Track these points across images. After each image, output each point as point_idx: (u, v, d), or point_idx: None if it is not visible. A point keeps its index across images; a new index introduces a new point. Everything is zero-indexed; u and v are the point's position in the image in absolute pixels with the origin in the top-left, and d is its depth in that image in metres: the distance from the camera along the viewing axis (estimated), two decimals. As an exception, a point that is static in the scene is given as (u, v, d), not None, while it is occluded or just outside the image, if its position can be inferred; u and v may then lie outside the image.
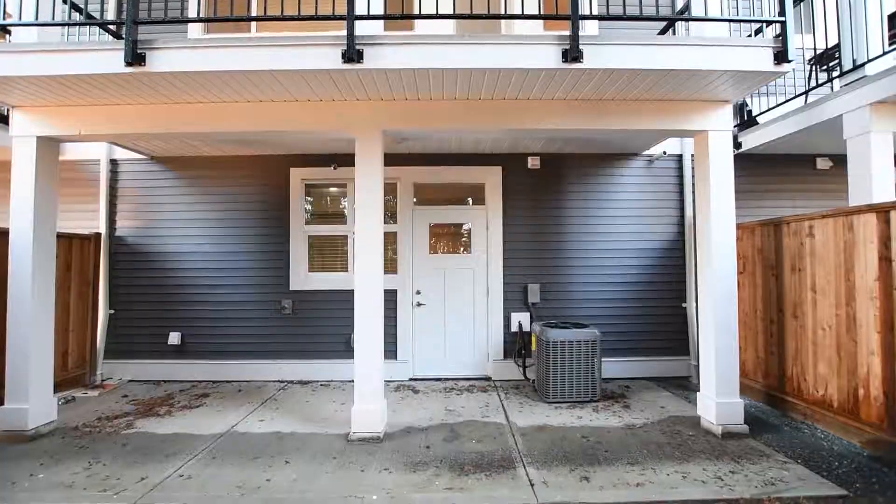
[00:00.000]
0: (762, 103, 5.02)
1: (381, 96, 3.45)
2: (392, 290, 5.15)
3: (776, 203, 5.18)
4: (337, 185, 5.46)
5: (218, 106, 3.54)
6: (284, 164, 5.26)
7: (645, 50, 2.93)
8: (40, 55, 2.93)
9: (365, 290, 3.55)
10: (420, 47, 2.91)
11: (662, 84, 3.20)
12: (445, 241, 5.42)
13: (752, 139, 4.74)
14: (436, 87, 3.28)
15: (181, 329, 5.15)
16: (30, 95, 3.31)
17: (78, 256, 4.82)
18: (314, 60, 2.91)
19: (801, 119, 4.02)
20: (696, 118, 3.54)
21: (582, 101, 3.53)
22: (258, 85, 3.19)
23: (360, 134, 3.57)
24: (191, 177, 5.26)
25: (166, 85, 3.15)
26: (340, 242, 5.34)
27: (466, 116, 3.56)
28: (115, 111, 3.54)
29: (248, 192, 5.26)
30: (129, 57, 2.84)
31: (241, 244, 5.21)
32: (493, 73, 3.04)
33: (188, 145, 4.84)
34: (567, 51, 2.87)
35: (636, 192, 5.25)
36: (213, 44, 2.94)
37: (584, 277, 5.18)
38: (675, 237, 5.20)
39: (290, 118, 3.56)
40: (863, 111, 3.37)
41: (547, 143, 4.88)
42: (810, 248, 3.64)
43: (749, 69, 2.95)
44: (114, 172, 5.26)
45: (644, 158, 5.27)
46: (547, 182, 5.27)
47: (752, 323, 4.37)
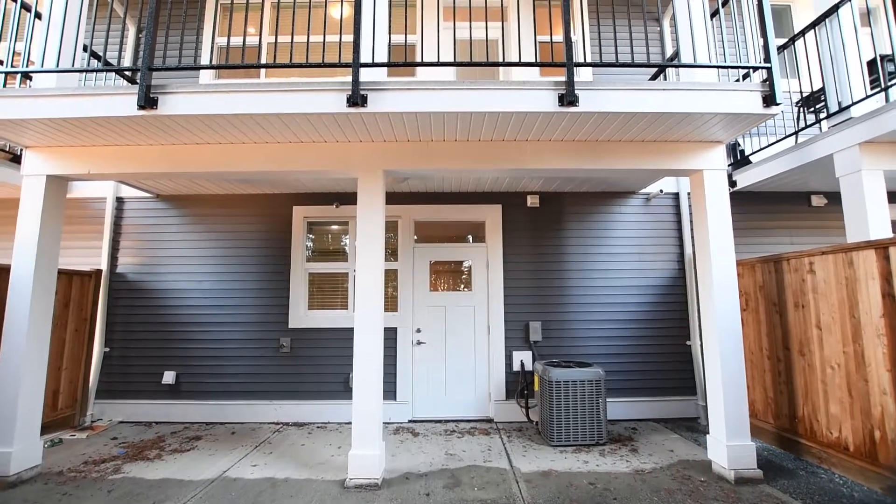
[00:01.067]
0: (754, 143, 5.18)
1: (384, 137, 3.56)
2: (392, 328, 5.09)
3: (774, 239, 5.23)
4: (338, 223, 5.52)
5: (225, 147, 3.64)
6: (287, 202, 5.35)
7: (638, 94, 3.05)
8: (57, 99, 3.05)
9: (365, 328, 3.51)
10: (422, 92, 3.03)
11: (656, 126, 3.31)
12: (446, 278, 5.42)
13: (746, 178, 4.84)
14: (437, 129, 3.39)
15: (176, 368, 5.05)
16: (44, 136, 3.42)
17: (77, 293, 4.80)
18: (320, 104, 3.03)
19: (793, 158, 4.12)
20: (691, 158, 3.63)
21: (579, 143, 3.63)
22: (265, 127, 3.30)
23: (363, 174, 3.65)
24: (194, 215, 5.33)
25: (176, 127, 3.26)
26: (341, 280, 5.33)
27: (466, 157, 3.65)
28: (125, 151, 3.64)
29: (251, 230, 5.31)
30: (141, 101, 2.96)
31: (241, 281, 5.20)
32: (493, 116, 3.15)
33: (194, 184, 4.93)
34: (563, 95, 2.99)
35: (635, 230, 5.30)
36: (222, 89, 3.06)
37: (585, 315, 5.13)
38: (676, 274, 5.20)
39: (295, 159, 3.65)
40: (852, 150, 3.46)
41: (546, 181, 4.97)
42: (812, 285, 3.63)
43: (739, 111, 3.06)
44: (119, 210, 5.34)
45: (641, 197, 5.36)
46: (546, 220, 5.33)
47: (758, 361, 4.28)
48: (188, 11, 5.63)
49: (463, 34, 5.28)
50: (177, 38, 5.54)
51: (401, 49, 5.26)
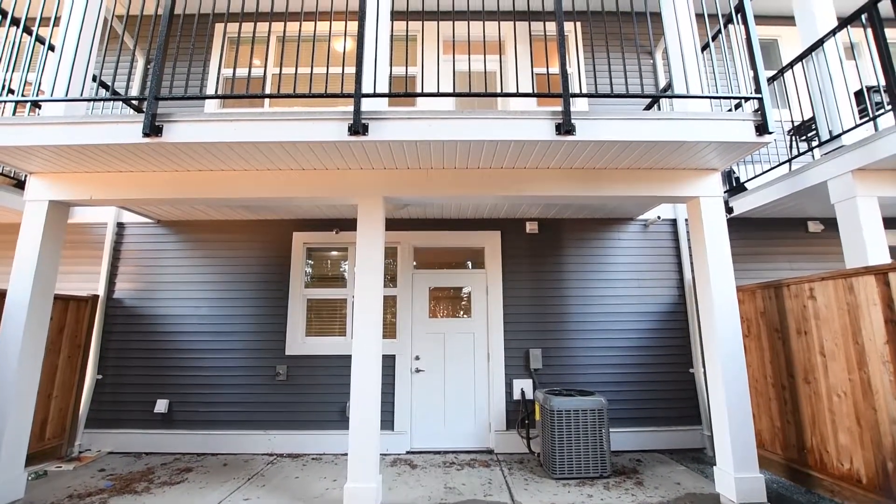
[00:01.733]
0: (749, 170, 5.27)
1: (384, 165, 3.61)
2: (390, 355, 5.02)
3: (774, 265, 5.23)
4: (338, 249, 5.53)
5: (227, 174, 3.69)
6: (287, 228, 5.37)
7: (634, 123, 3.12)
8: (64, 127, 3.11)
9: (363, 356, 3.45)
10: (422, 121, 3.10)
11: (652, 154, 3.37)
12: (445, 304, 5.38)
13: (742, 204, 4.89)
14: (436, 156, 3.44)
15: (169, 396, 4.93)
16: (49, 163, 3.47)
17: (73, 318, 4.75)
18: (322, 133, 3.09)
19: (787, 185, 4.18)
20: (687, 185, 3.68)
21: (576, 170, 3.69)
22: (267, 155, 3.35)
23: (363, 200, 3.68)
24: (194, 240, 5.34)
25: (180, 154, 3.31)
26: (339, 306, 5.29)
27: (466, 184, 3.69)
28: (128, 177, 3.68)
29: (250, 256, 5.31)
30: (147, 129, 3.02)
31: (239, 307, 5.16)
32: (492, 145, 3.21)
33: (195, 210, 4.97)
34: (560, 124, 3.06)
35: (634, 256, 5.31)
36: (227, 117, 3.13)
37: (586, 342, 5.08)
38: (676, 300, 5.18)
39: (296, 185, 3.69)
40: (845, 178, 3.51)
41: (544, 208, 5.02)
42: (814, 311, 3.61)
43: (733, 140, 3.13)
44: (119, 235, 5.35)
45: (639, 223, 5.40)
46: (545, 246, 5.35)
47: (763, 389, 4.21)
48: (196, 44, 5.81)
49: (462, 66, 5.44)
50: (184, 69, 5.70)
51: (402, 80, 5.42)
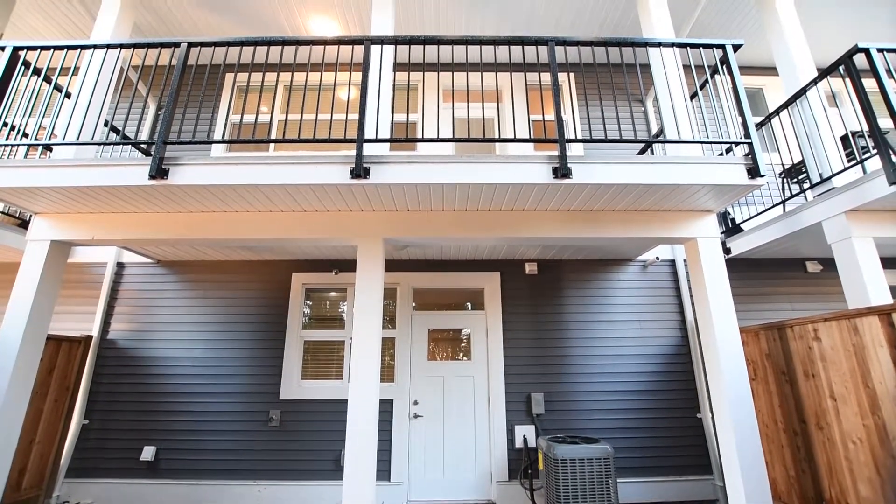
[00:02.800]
0: (743, 212, 5.35)
1: (385, 207, 3.67)
2: (388, 399, 4.87)
3: (775, 306, 5.20)
4: (337, 290, 5.50)
5: (230, 215, 3.74)
6: (287, 268, 5.37)
7: (629, 168, 3.20)
8: (73, 169, 3.18)
9: (359, 401, 3.35)
10: (422, 165, 3.18)
11: (648, 196, 3.43)
12: (444, 346, 5.29)
13: (739, 245, 4.92)
14: (436, 199, 3.50)
15: (157, 443, 4.73)
16: (55, 203, 3.52)
17: (63, 360, 4.64)
18: (325, 176, 3.16)
19: (783, 226, 4.23)
20: (684, 227, 3.72)
21: (574, 212, 3.74)
22: (270, 197, 3.41)
23: (363, 242, 3.71)
24: (193, 280, 5.33)
25: (184, 196, 3.37)
26: (337, 348, 5.20)
27: (465, 226, 3.73)
28: (130, 218, 3.72)
29: (248, 296, 5.27)
30: (153, 171, 3.09)
31: (234, 349, 5.06)
32: (490, 188, 3.28)
33: (196, 250, 4.99)
34: (557, 168, 3.14)
35: (634, 297, 5.28)
36: (232, 161, 3.21)
37: (589, 386, 4.94)
38: (679, 342, 5.10)
39: (298, 227, 3.73)
40: (839, 219, 3.56)
41: (543, 250, 5.05)
42: (819, 353, 3.54)
43: (726, 183, 3.20)
44: (118, 275, 5.34)
45: (638, 264, 5.42)
46: (545, 288, 5.33)
47: (774, 435, 4.05)
48: (206, 92, 6.08)
49: (461, 113, 5.66)
50: (193, 114, 5.92)
51: (403, 126, 5.62)
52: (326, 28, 5.81)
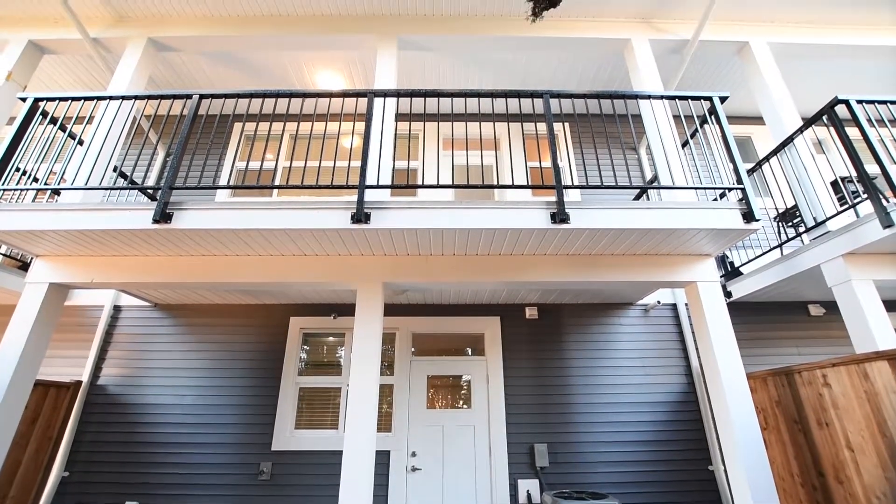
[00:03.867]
0: (742, 255, 5.38)
1: (385, 251, 3.69)
2: (385, 451, 4.66)
3: (781, 350, 5.09)
4: (335, 335, 5.42)
5: (231, 259, 3.75)
6: (285, 313, 5.32)
7: (626, 213, 3.25)
8: (78, 213, 3.23)
9: (355, 452, 3.20)
10: (422, 211, 3.24)
11: (646, 241, 3.46)
12: (444, 393, 5.13)
13: (739, 289, 4.91)
14: (436, 244, 3.54)
15: (140, 497, 4.47)
16: (57, 246, 3.54)
17: (49, 407, 4.48)
18: (326, 221, 3.20)
19: (782, 270, 4.23)
20: (683, 270, 3.72)
21: (572, 256, 3.76)
22: (271, 241, 3.44)
23: (362, 286, 3.69)
24: (190, 324, 5.26)
25: (185, 240, 3.40)
26: (333, 395, 5.04)
27: (464, 271, 3.74)
28: (132, 261, 3.73)
29: (245, 341, 5.18)
30: (157, 216, 3.14)
31: (226, 396, 4.90)
32: (489, 233, 3.32)
33: (194, 294, 4.96)
34: (555, 213, 3.19)
35: (637, 342, 5.19)
36: (235, 206, 3.27)
37: (595, 436, 4.75)
38: (686, 389, 4.95)
39: (298, 271, 3.73)
40: (837, 262, 3.57)
41: (543, 294, 5.03)
42: (831, 400, 3.43)
43: (723, 227, 3.24)
44: (114, 318, 5.28)
45: (639, 308, 5.37)
46: (546, 332, 5.25)
47: (791, 489, 3.83)
48: (214, 140, 6.29)
49: (460, 161, 5.83)
50: (200, 160, 6.10)
51: (404, 173, 5.78)
52: (332, 81, 6.11)
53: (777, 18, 5.19)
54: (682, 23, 5.16)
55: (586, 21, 5.18)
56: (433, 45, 5.25)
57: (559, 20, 5.05)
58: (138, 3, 4.94)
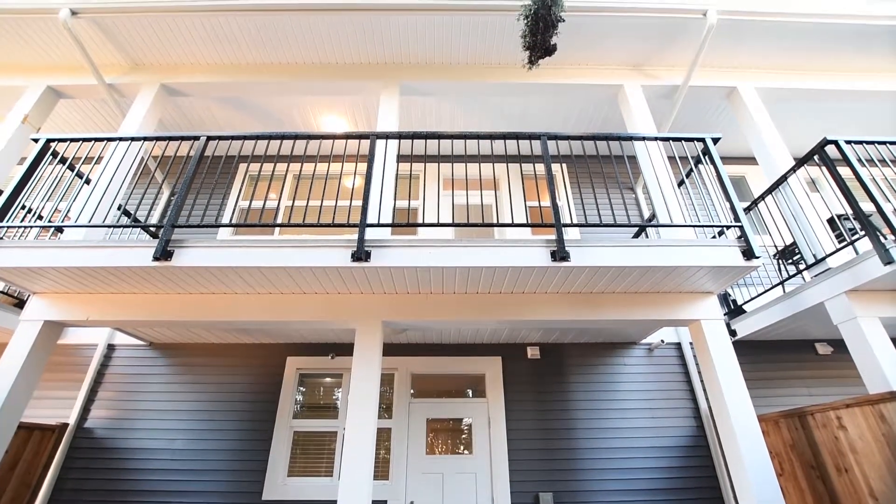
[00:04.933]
0: (744, 293, 5.34)
1: (384, 290, 3.67)
2: (382, 500, 4.42)
3: (791, 391, 4.94)
4: (332, 376, 5.28)
5: (229, 297, 3.72)
6: (282, 352, 5.21)
7: (626, 250, 3.26)
8: (79, 250, 3.24)
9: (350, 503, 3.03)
10: (422, 249, 3.25)
11: (647, 279, 3.45)
12: (444, 438, 4.93)
13: (743, 327, 4.84)
14: (436, 282, 3.52)
15: (119, 556, 4.19)
16: (55, 283, 3.52)
17: (31, 451, 4.28)
18: (327, 259, 3.20)
19: (785, 307, 4.19)
20: (686, 308, 3.68)
21: (573, 294, 3.73)
22: (271, 279, 3.43)
23: (361, 325, 3.64)
24: (184, 364, 5.14)
25: (185, 277, 3.38)
26: (328, 440, 4.84)
27: (465, 309, 3.69)
28: (129, 299, 3.70)
29: (239, 382, 5.04)
30: (158, 253, 3.14)
31: (218, 440, 4.71)
32: (489, 271, 3.30)
33: (191, 333, 4.89)
34: (555, 251, 3.19)
35: (642, 383, 5.05)
36: (236, 244, 3.28)
37: (602, 484, 4.51)
38: (695, 432, 4.76)
39: (297, 309, 3.69)
40: (841, 299, 3.53)
41: (545, 333, 4.95)
42: (848, 444, 3.29)
43: (723, 265, 3.24)
44: (107, 358, 5.16)
45: (643, 347, 5.27)
46: (548, 372, 5.13)
47: (815, 546, 3.60)
48: (219, 180, 6.41)
49: (460, 200, 5.93)
50: (204, 199, 6.19)
51: (404, 212, 5.85)
52: (336, 123, 6.32)
53: (763, 65, 5.44)
54: (671, 69, 5.40)
55: (580, 68, 5.43)
56: (434, 90, 5.47)
57: (554, 68, 5.29)
58: (153, 51, 5.20)
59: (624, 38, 5.09)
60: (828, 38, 5.14)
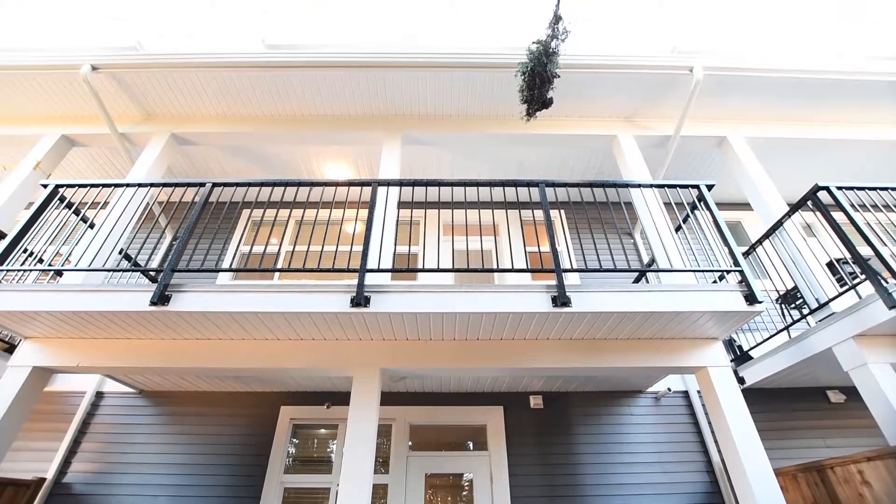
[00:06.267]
0: (748, 338, 5.25)
1: (383, 336, 3.60)
2: (376, 565, 4.10)
3: (805, 442, 4.72)
4: (327, 426, 5.07)
5: (225, 343, 3.64)
6: (276, 401, 5.03)
7: (628, 296, 3.24)
8: (75, 294, 3.21)
9: (343, 566, 2.81)
10: (422, 294, 3.22)
11: (650, 324, 3.40)
12: (444, 494, 4.65)
13: (751, 374, 4.71)
14: (436, 328, 3.46)
15: None
16: (49, 328, 3.46)
17: (3, 514, 4.02)
18: (326, 305, 3.17)
19: (792, 353, 4.09)
20: (692, 355, 3.60)
21: (576, 341, 3.65)
22: (268, 325, 3.37)
23: (359, 372, 3.53)
24: (174, 414, 4.94)
25: (181, 322, 3.33)
26: (321, 497, 4.56)
27: (465, 356, 3.60)
28: (121, 344, 3.62)
29: (230, 433, 4.82)
30: (155, 298, 3.11)
31: (204, 497, 4.42)
32: (490, 317, 3.26)
33: (183, 380, 4.74)
34: (556, 297, 3.17)
35: (651, 435, 4.84)
36: (234, 289, 3.25)
37: (614, 546, 4.21)
38: (709, 488, 4.50)
39: (293, 356, 3.60)
40: (849, 344, 3.46)
41: (547, 381, 4.81)
42: (875, 502, 3.09)
43: (726, 309, 3.20)
44: (94, 406, 4.97)
45: (650, 396, 5.10)
46: (552, 423, 4.92)
47: None
48: (222, 225, 6.48)
49: (460, 246, 5.96)
50: (206, 244, 6.22)
51: (404, 257, 5.88)
52: (339, 171, 6.49)
53: (752, 116, 5.67)
54: (663, 120, 5.63)
55: (576, 119, 5.66)
56: (435, 140, 5.67)
57: (551, 119, 5.51)
58: (166, 103, 5.44)
59: (616, 92, 5.35)
60: (814, 91, 5.39)
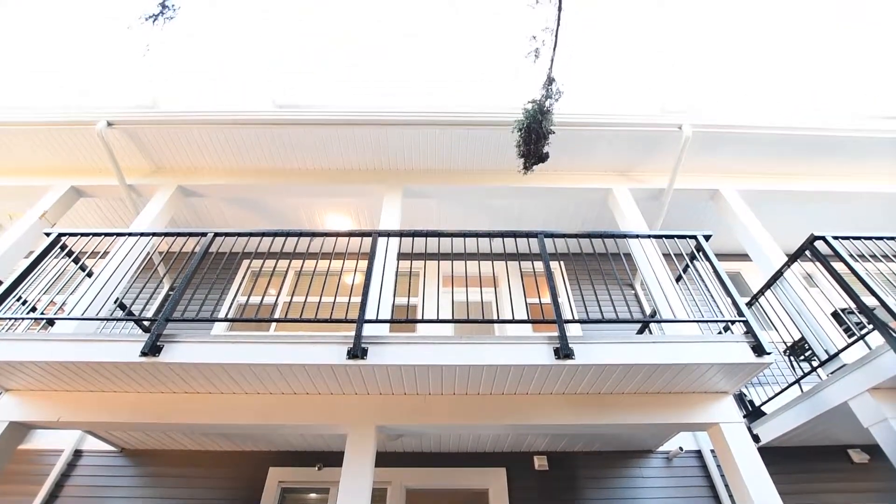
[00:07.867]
0: (759, 392, 5.04)
1: (380, 390, 3.45)
2: None
3: (835, 511, 4.38)
4: (318, 490, 4.73)
5: (215, 397, 3.49)
6: (263, 462, 4.72)
7: (632, 347, 3.16)
8: (62, 343, 3.12)
9: None
10: (421, 346, 3.14)
11: (656, 377, 3.28)
12: (442, 569, 4.25)
13: (766, 432, 4.47)
14: (434, 382, 3.34)
15: None
16: (32, 380, 3.31)
17: None
18: (321, 357, 3.08)
19: (807, 408, 3.90)
20: (702, 411, 3.44)
21: (581, 396, 3.51)
22: (261, 377, 3.25)
23: (354, 429, 3.35)
24: (155, 475, 4.62)
25: (170, 374, 3.21)
26: (308, 571, 4.17)
27: (465, 412, 3.44)
28: (106, 398, 3.46)
29: (214, 497, 4.47)
30: (146, 348, 3.02)
31: (179, 574, 4.04)
32: (491, 370, 3.16)
33: (168, 437, 4.49)
34: (558, 349, 3.08)
35: (663, 500, 4.50)
36: (228, 339, 3.18)
37: None
38: (733, 563, 4.12)
39: (285, 411, 3.44)
40: (865, 398, 3.30)
41: (552, 439, 4.56)
42: (914, 581, 2.81)
43: (735, 361, 3.11)
44: (70, 466, 4.64)
45: (661, 456, 4.81)
46: (559, 487, 4.60)
47: None
48: (220, 275, 6.46)
49: (460, 297, 5.89)
50: (202, 294, 6.16)
51: (403, 308, 5.80)
52: (340, 222, 6.59)
53: (743, 169, 5.84)
54: (656, 174, 5.80)
55: (572, 173, 5.84)
56: (435, 193, 5.81)
57: (547, 173, 5.67)
58: (174, 156, 5.62)
59: (610, 147, 5.56)
60: (803, 146, 5.60)
